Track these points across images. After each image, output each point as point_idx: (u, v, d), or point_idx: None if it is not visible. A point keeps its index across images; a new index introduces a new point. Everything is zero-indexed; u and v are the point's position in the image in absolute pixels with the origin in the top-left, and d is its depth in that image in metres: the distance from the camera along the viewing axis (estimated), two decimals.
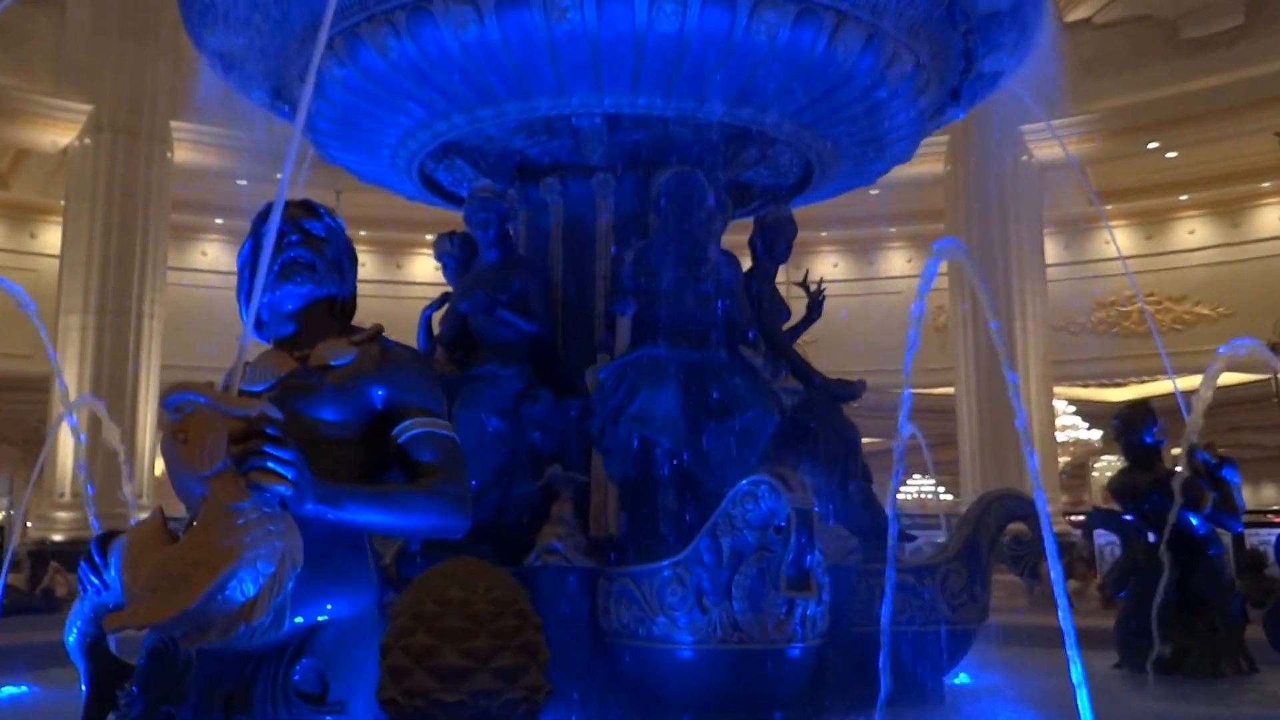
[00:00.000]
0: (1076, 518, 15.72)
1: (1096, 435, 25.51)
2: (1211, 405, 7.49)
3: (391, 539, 2.89)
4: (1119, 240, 19.46)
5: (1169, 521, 6.30)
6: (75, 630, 2.66)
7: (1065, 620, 3.14)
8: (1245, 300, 17.94)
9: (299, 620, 2.28)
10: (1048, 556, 3.48)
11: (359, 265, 2.96)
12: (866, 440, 5.68)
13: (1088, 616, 10.58)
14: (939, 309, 20.05)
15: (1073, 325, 18.97)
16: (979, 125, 13.90)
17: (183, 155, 15.15)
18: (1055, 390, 17.32)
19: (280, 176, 2.76)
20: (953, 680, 5.47)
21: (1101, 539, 13.91)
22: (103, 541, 2.50)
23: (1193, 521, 6.49)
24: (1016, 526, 5.62)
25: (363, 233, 19.95)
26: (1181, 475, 6.50)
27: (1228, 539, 8.12)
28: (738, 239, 6.04)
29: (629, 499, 4.66)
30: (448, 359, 5.32)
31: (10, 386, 17.40)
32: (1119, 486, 6.80)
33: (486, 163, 5.55)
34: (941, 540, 6.08)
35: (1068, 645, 3.17)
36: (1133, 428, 6.76)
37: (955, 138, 15.39)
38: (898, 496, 4.74)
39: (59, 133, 14.48)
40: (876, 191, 10.46)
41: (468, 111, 5.06)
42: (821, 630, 4.30)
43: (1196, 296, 18.58)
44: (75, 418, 8.85)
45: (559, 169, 5.44)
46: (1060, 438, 19.13)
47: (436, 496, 2.43)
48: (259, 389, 2.47)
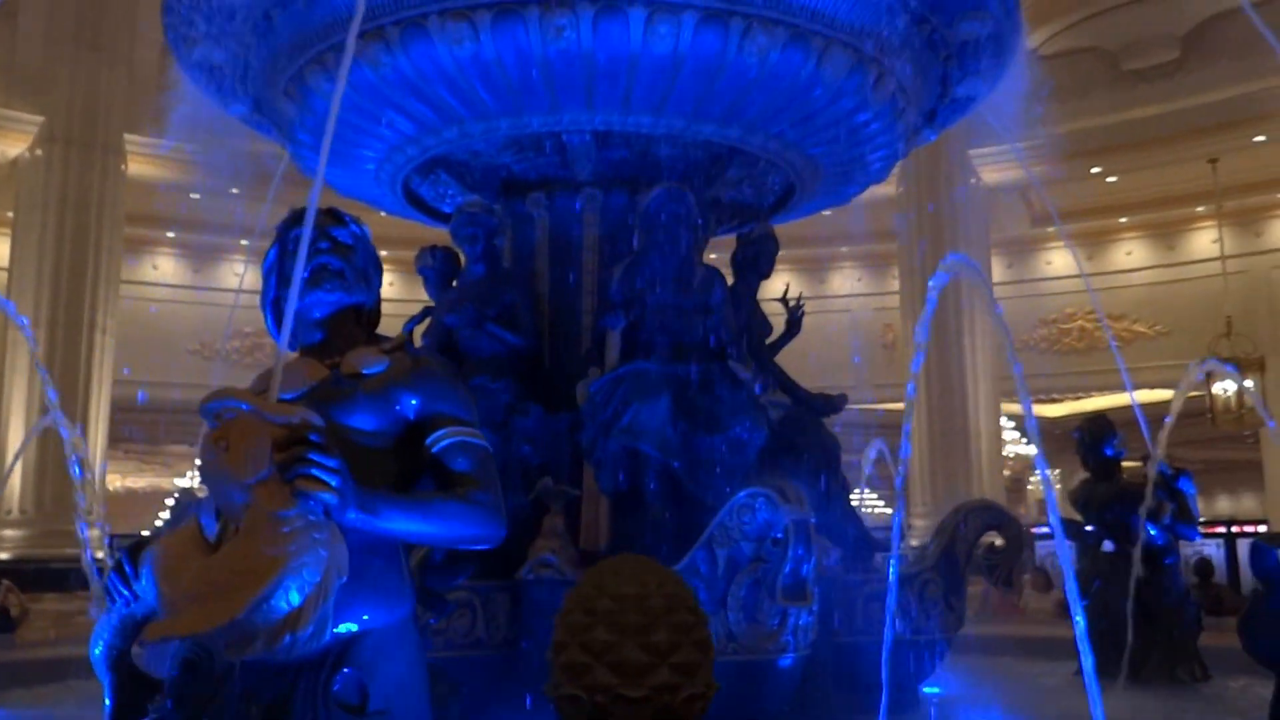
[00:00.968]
0: (1038, 529, 16.02)
1: (1034, 450, 26.07)
2: (1147, 420, 7.75)
3: (415, 549, 2.92)
4: (1061, 261, 19.92)
5: (1173, 529, 6.59)
6: (102, 643, 2.61)
7: (1079, 626, 3.25)
8: (1180, 319, 18.43)
9: (338, 630, 2.25)
10: (1062, 565, 3.60)
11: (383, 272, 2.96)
12: None
13: (1041, 626, 10.82)
14: (887, 326, 20.36)
15: (1016, 343, 19.31)
16: (928, 148, 14.18)
17: (134, 168, 14.96)
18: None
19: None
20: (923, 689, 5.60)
21: (1042, 550, 14.19)
22: (133, 551, 2.47)
23: (1151, 531, 6.70)
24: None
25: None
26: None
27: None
28: (718, 255, 6.17)
29: (620, 511, 4.72)
30: None
31: None
32: (1081, 498, 7.00)
33: (472, 177, 5.60)
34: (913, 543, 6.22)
35: (1080, 651, 3.28)
36: (1094, 440, 6.97)
37: (906, 160, 15.67)
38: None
39: (9, 144, 14.21)
40: (829, 211, 10.64)
41: (458, 126, 5.10)
42: (811, 640, 4.40)
43: (1134, 315, 19.04)
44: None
45: (545, 184, 5.51)
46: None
47: (474, 505, 2.45)
48: (291, 396, 2.45)
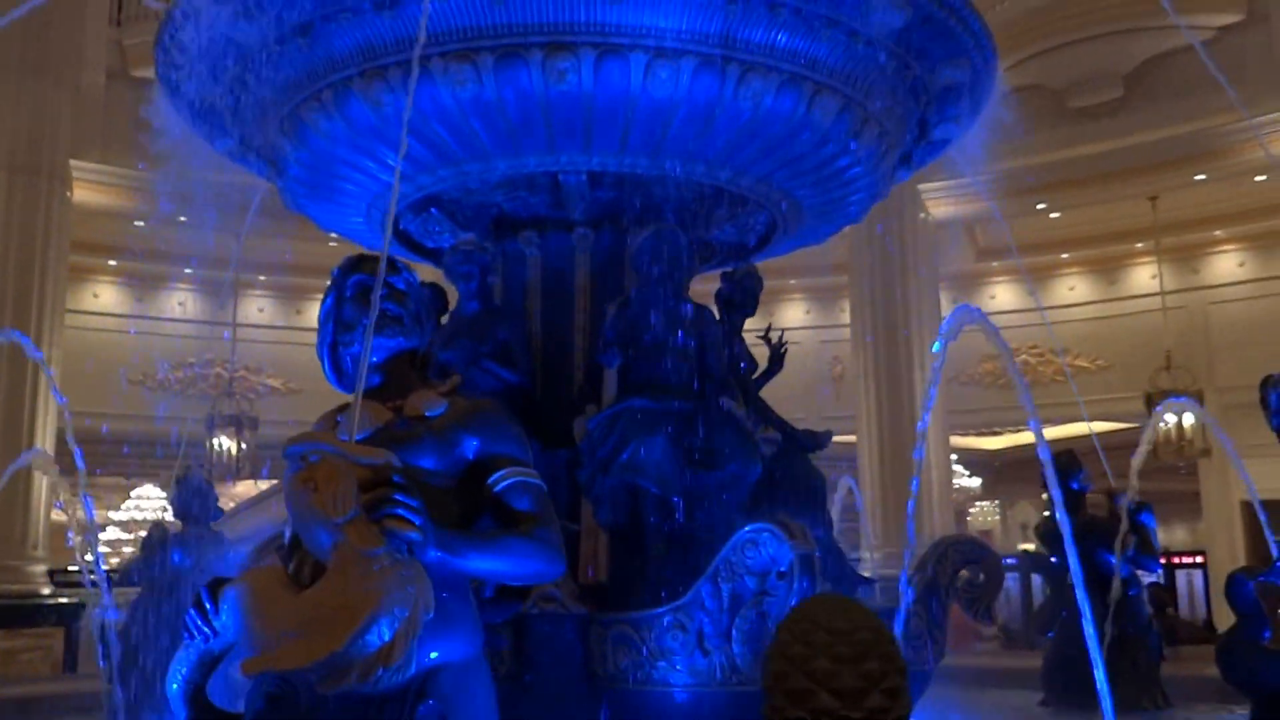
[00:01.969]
0: (1008, 560, 16.31)
1: (976, 482, 26.52)
2: (1085, 451, 7.97)
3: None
4: (1005, 295, 20.34)
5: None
6: (179, 678, 2.65)
7: (1095, 653, 3.35)
8: (1121, 354, 18.91)
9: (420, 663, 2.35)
10: (1078, 601, 3.72)
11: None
12: None
13: (1001, 658, 11.04)
14: (835, 359, 20.63)
15: (962, 376, 19.67)
16: None
17: (79, 194, 14.77)
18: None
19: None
20: None
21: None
22: (211, 588, 2.53)
23: (1110, 562, 6.90)
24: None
25: (261, 277, 19.69)
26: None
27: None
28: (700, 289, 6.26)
29: (619, 546, 4.78)
30: None
31: None
32: (1048, 531, 7.19)
33: (464, 215, 5.66)
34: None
35: (1097, 680, 3.39)
36: (1062, 475, 7.15)
37: None
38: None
39: None
40: None
41: (454, 166, 5.16)
42: None
43: (1077, 350, 19.47)
44: None
45: (537, 223, 5.58)
46: None
47: (539, 542, 2.55)
48: (360, 437, 2.54)
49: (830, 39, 4.85)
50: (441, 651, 2.40)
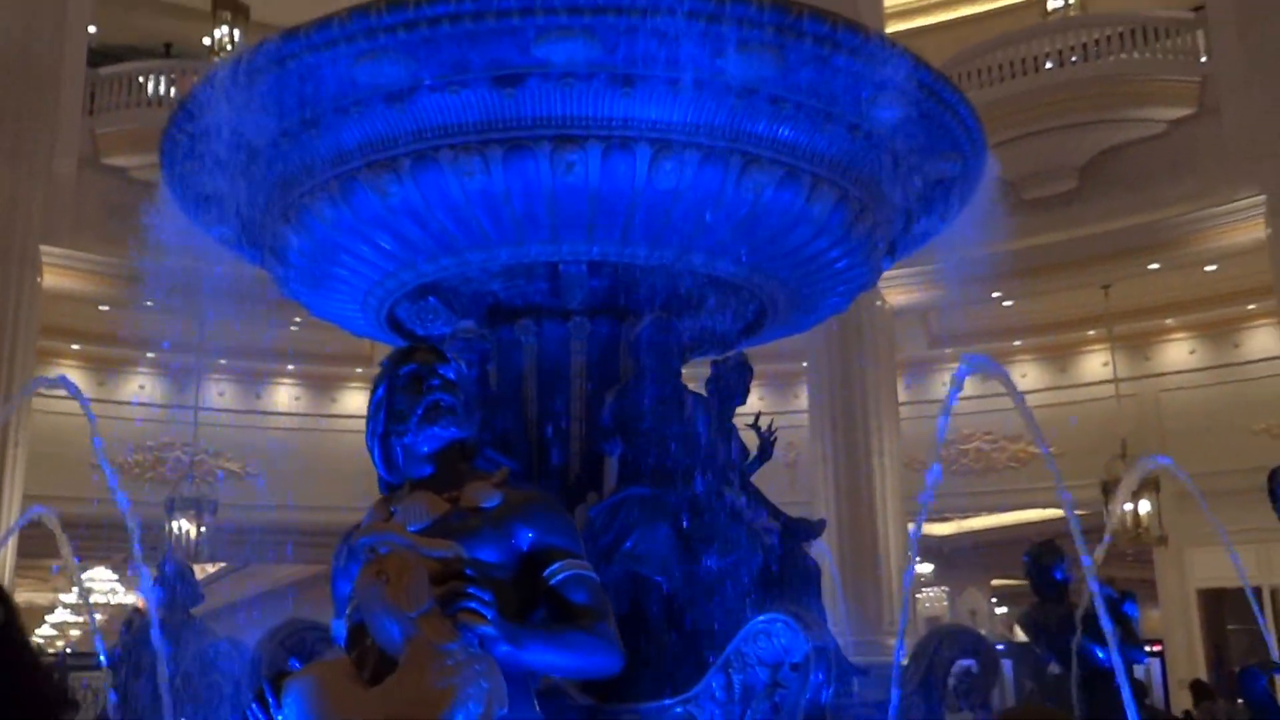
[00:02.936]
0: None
1: (927, 568, 26.56)
2: (1041, 538, 8.07)
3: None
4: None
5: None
6: None
7: None
8: (1074, 441, 19.10)
9: None
10: (1120, 684, 3.73)
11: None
12: None
13: None
14: (790, 444, 20.70)
15: (915, 462, 19.84)
16: None
17: (46, 280, 14.70)
18: None
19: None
20: None
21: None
22: (275, 682, 2.49)
23: (1097, 654, 6.93)
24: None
25: (223, 361, 19.50)
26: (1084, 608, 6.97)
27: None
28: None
29: (623, 635, 4.72)
30: None
31: None
32: (1031, 621, 7.22)
33: (459, 303, 5.67)
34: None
35: None
36: (1043, 565, 7.22)
37: None
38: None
39: None
40: None
41: (456, 255, 5.19)
42: None
43: (1030, 436, 19.70)
44: None
45: (533, 311, 5.60)
46: None
47: (599, 637, 2.56)
48: (415, 529, 2.54)
49: (829, 133, 4.97)
50: None
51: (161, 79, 17.27)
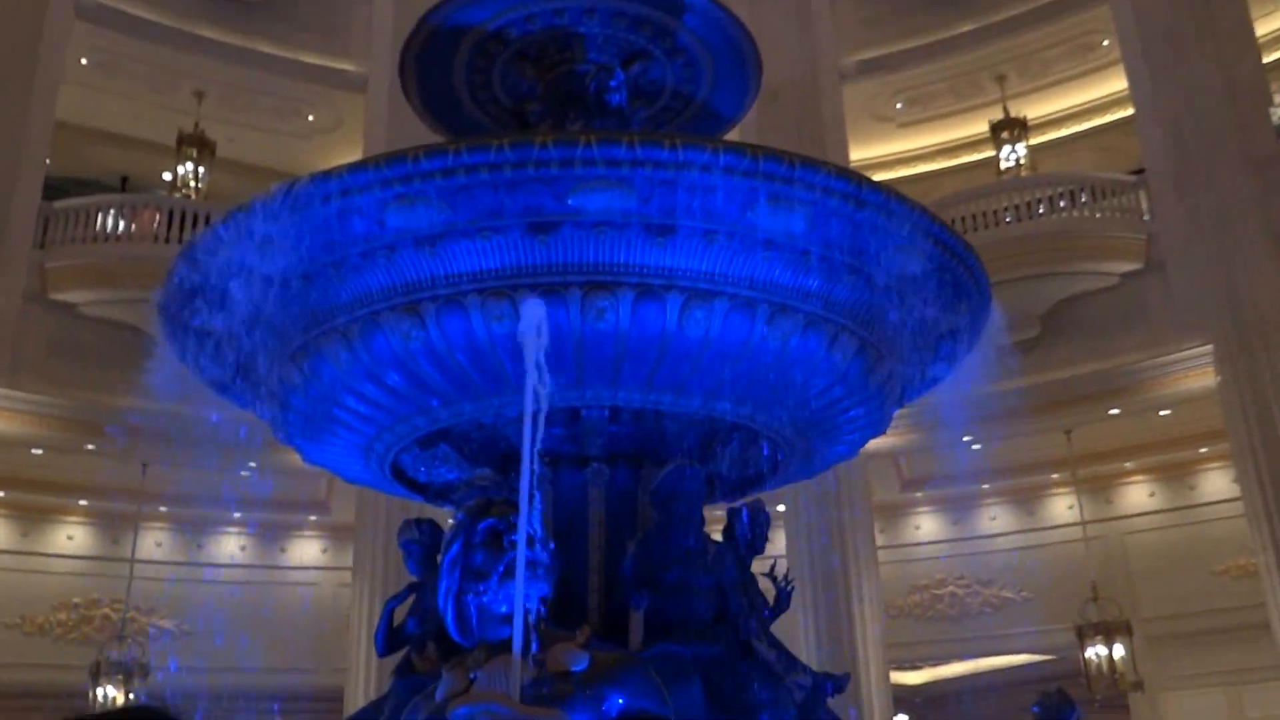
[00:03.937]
0: None
1: (901, 719, 26.07)
2: (1016, 684, 7.90)
3: None
4: (930, 525, 20.58)
5: None
6: None
7: None
8: (1045, 584, 19.09)
9: None
10: None
11: None
12: None
13: None
14: (764, 590, 20.41)
15: (890, 609, 19.66)
16: None
17: None
18: None
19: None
20: None
21: None
22: None
23: None
24: None
25: (163, 509, 18.79)
26: None
27: None
28: None
29: None
30: (423, 655, 5.12)
31: None
32: None
33: (471, 449, 5.55)
34: None
35: None
36: (1053, 715, 7.03)
37: None
38: None
39: None
40: None
41: (476, 400, 5.10)
42: None
43: (1002, 581, 19.62)
44: None
45: (549, 457, 5.48)
46: None
47: None
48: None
49: (851, 284, 5.01)
50: None
51: (115, 213, 16.90)
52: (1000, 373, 16.86)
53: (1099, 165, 20.33)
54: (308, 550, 20.92)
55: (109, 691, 14.81)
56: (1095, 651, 16.51)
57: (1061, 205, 17.71)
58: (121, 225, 16.65)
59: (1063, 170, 20.07)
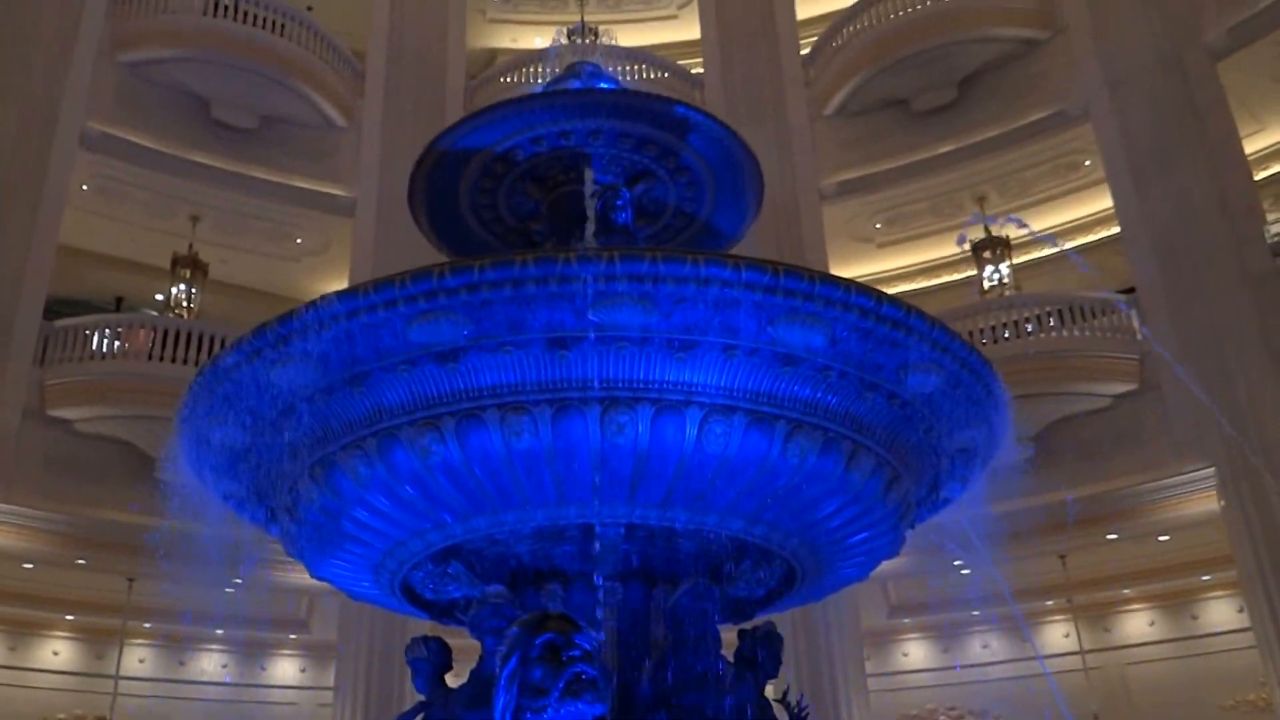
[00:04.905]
0: None
1: None
2: None
3: None
4: (918, 652, 20.21)
5: None
6: None
7: None
8: (1039, 715, 18.72)
9: None
10: None
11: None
12: None
13: None
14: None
15: None
16: None
17: None
18: None
19: None
20: None
21: None
22: None
23: None
24: None
25: (146, 625, 18.57)
26: None
27: None
28: None
29: None
30: None
31: None
32: None
33: (483, 566, 5.48)
34: None
35: None
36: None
37: None
38: None
39: None
40: None
41: (491, 515, 5.05)
42: None
43: (996, 710, 19.18)
44: None
45: (559, 574, 5.42)
46: None
47: None
48: None
49: (870, 400, 5.01)
50: None
51: (110, 332, 16.98)
52: (996, 494, 16.72)
53: (1085, 284, 20.40)
54: (288, 669, 20.59)
55: None
56: None
57: (1051, 324, 17.53)
58: (116, 344, 16.70)
59: (1050, 290, 20.07)
